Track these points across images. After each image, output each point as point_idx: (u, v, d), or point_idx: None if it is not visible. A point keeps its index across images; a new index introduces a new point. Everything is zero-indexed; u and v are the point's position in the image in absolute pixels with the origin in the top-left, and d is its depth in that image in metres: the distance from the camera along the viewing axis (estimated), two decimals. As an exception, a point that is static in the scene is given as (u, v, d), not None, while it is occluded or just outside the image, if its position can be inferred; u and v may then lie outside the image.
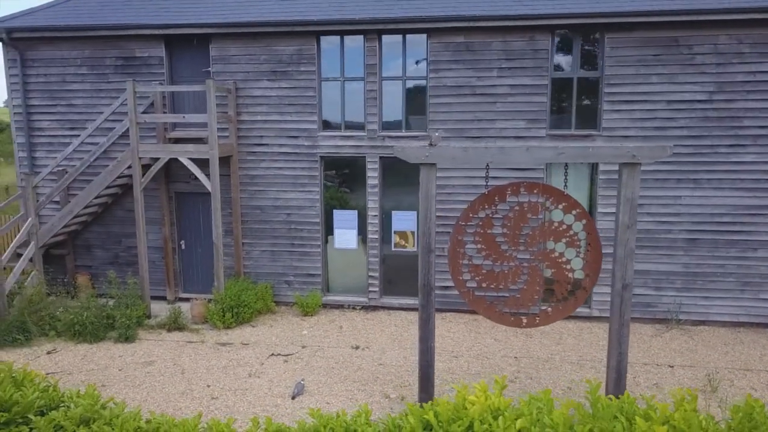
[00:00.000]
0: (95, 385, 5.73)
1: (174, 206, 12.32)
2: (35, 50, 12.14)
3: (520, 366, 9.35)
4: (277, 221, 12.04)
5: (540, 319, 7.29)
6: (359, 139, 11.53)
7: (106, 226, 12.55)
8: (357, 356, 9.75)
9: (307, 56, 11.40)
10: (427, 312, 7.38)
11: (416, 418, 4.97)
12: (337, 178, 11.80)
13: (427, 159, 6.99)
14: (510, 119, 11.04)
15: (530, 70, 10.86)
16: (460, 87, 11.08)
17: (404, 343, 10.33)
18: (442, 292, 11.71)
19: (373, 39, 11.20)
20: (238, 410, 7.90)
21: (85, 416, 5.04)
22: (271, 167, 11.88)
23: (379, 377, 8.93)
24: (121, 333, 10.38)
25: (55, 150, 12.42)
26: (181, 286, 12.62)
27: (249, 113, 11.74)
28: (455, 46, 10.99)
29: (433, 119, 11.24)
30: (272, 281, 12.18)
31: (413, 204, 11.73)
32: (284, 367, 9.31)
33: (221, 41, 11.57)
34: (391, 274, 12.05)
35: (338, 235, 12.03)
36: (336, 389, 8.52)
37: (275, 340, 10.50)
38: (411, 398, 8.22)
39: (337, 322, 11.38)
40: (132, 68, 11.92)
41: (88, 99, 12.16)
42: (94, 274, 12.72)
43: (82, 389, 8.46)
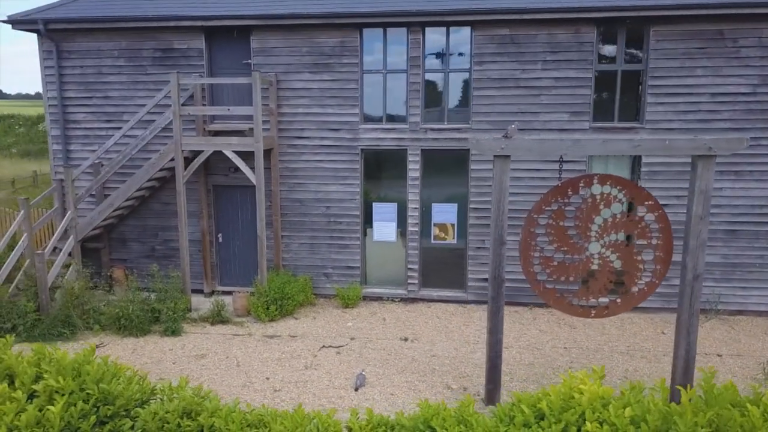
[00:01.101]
0: (187, 378, 5.74)
1: (212, 199, 12.27)
2: (71, 42, 12.02)
3: (572, 356, 9.44)
4: (317, 214, 12.03)
5: (609, 310, 7.37)
6: (401, 131, 11.54)
7: (142, 220, 12.48)
8: (407, 348, 9.80)
9: (350, 48, 11.37)
10: (496, 304, 7.43)
11: (529, 406, 5.03)
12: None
13: (503, 151, 7.02)
14: (554, 112, 11.08)
15: (575, 63, 10.90)
16: (504, 79, 11.10)
17: (451, 334, 10.39)
18: (482, 285, 11.77)
19: (417, 31, 11.19)
20: (304, 402, 7.92)
21: (187, 408, 5.05)
22: (311, 160, 11.86)
23: (435, 368, 8.99)
24: (168, 326, 10.35)
25: (91, 143, 12.33)
26: (217, 279, 12.59)
27: (290, 106, 11.70)
28: (500, 38, 11.00)
29: (476, 111, 11.26)
30: (311, 274, 12.18)
31: (453, 196, 11.77)
32: (338, 359, 9.34)
33: (262, 33, 11.50)
34: (430, 267, 12.09)
35: (377, 227, 12.05)
36: (396, 381, 8.56)
37: (322, 332, 10.52)
38: (473, 389, 8.29)
39: (378, 314, 11.41)
40: (170, 60, 11.84)
41: (124, 91, 12.06)
42: (129, 268, 12.66)
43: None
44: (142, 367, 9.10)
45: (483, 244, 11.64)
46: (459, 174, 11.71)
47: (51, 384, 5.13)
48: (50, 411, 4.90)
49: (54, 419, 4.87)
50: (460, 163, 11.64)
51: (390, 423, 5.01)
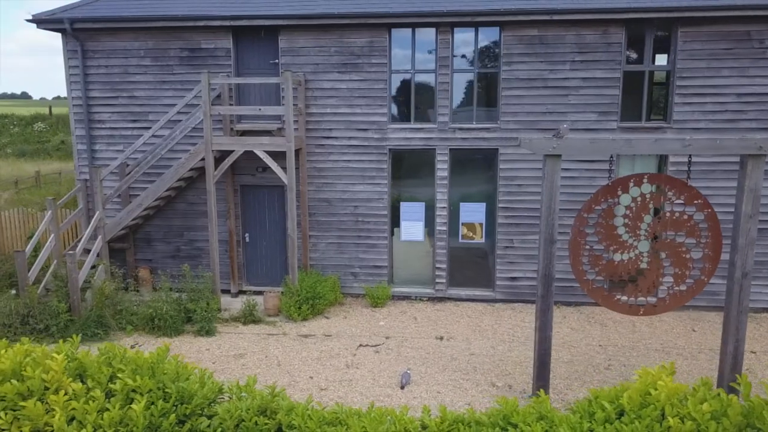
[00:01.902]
0: (255, 377, 5.77)
1: (239, 199, 12.27)
2: (96, 41, 11.96)
3: (609, 354, 9.55)
4: (344, 214, 12.07)
5: (658, 308, 7.48)
6: (429, 131, 11.60)
7: (167, 220, 12.45)
8: (444, 346, 9.86)
9: (379, 48, 11.42)
10: (546, 302, 7.52)
11: (610, 402, 5.10)
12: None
13: (554, 150, 7.10)
14: (582, 111, 11.19)
15: (603, 63, 11.01)
16: (533, 80, 11.20)
17: (485, 333, 10.47)
18: (510, 283, 11.87)
19: (446, 32, 11.25)
20: (352, 401, 7.97)
21: (262, 406, 5.08)
22: (339, 160, 11.89)
23: (476, 367, 9.06)
24: (202, 326, 10.35)
25: (116, 143, 12.28)
26: (244, 279, 12.59)
27: (318, 106, 11.73)
28: (529, 39, 11.09)
29: (504, 111, 11.35)
30: (338, 273, 12.21)
31: (481, 195, 11.85)
32: (377, 358, 9.39)
33: (291, 33, 11.52)
34: (457, 266, 12.17)
35: (405, 227, 12.11)
36: (440, 379, 8.63)
37: (355, 331, 10.56)
38: (517, 386, 8.37)
39: (408, 313, 11.47)
40: (197, 60, 11.82)
41: (150, 91, 12.03)
42: (154, 268, 12.63)
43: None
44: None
45: (511, 243, 11.73)
46: (487, 173, 11.80)
47: (128, 383, 5.14)
48: (133, 410, 4.91)
49: (137, 418, 4.88)
50: (489, 163, 11.73)
51: (466, 420, 5.05)
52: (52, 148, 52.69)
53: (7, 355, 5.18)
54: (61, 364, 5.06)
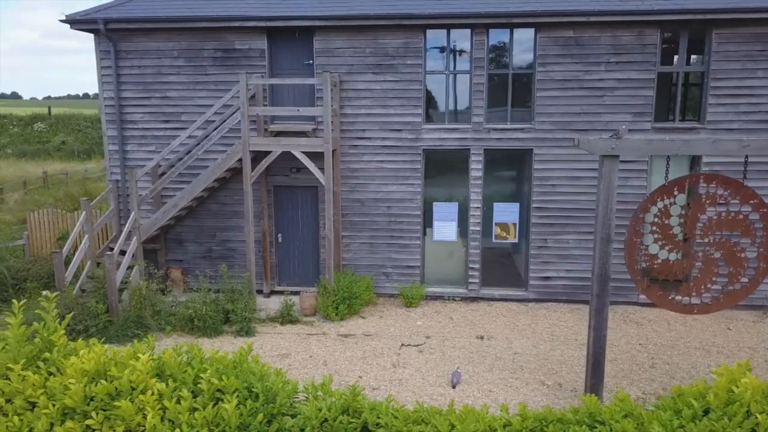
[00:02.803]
0: (330, 376, 5.81)
1: (272, 199, 12.28)
2: (129, 41, 11.95)
3: (650, 352, 9.64)
4: (377, 214, 12.11)
5: (712, 307, 7.56)
6: (464, 131, 11.66)
7: (199, 220, 12.45)
8: (486, 346, 9.93)
9: (414, 49, 11.47)
10: (601, 301, 7.59)
11: (695, 399, 5.16)
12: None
13: (612, 151, 7.17)
14: (616, 113, 11.28)
15: (637, 65, 11.11)
16: (568, 80, 11.28)
17: (523, 332, 10.54)
18: (543, 283, 11.95)
19: (481, 33, 11.32)
20: (406, 400, 8.02)
21: (345, 405, 5.12)
22: (372, 160, 11.93)
23: (522, 366, 9.13)
24: (242, 326, 10.37)
25: (148, 143, 12.27)
26: (276, 279, 12.61)
27: (352, 107, 11.76)
28: (564, 40, 11.17)
29: (539, 112, 11.43)
30: (370, 273, 12.25)
31: (514, 195, 11.93)
32: (422, 357, 9.44)
33: (326, 34, 11.55)
34: (490, 266, 12.24)
35: (438, 227, 12.16)
36: (489, 378, 8.69)
37: (394, 331, 10.61)
38: (567, 385, 8.44)
39: (443, 313, 11.53)
40: (231, 60, 11.83)
41: (184, 91, 12.03)
42: (185, 269, 12.62)
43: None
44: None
45: (545, 243, 11.81)
46: (520, 173, 11.88)
47: (214, 382, 5.16)
48: (224, 409, 4.94)
49: (230, 417, 4.91)
50: (522, 163, 11.81)
51: (548, 417, 5.10)
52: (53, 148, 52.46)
53: (89, 356, 5.20)
54: (146, 365, 5.08)
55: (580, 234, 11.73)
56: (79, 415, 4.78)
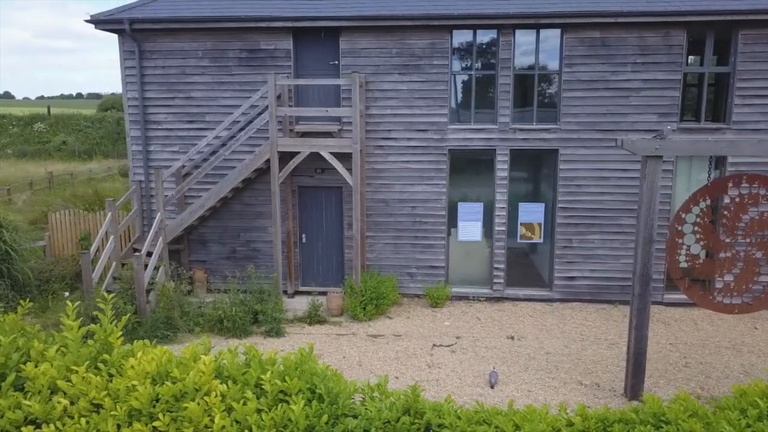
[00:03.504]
0: (386, 376, 5.80)
1: (297, 200, 12.27)
2: (153, 42, 11.92)
3: (681, 351, 9.68)
4: (402, 214, 12.12)
5: (752, 306, 7.61)
6: (490, 131, 11.68)
7: (223, 221, 12.42)
8: (518, 346, 9.95)
9: (440, 50, 11.48)
10: (643, 301, 7.62)
11: (762, 398, 5.18)
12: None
13: (656, 152, 7.20)
14: (642, 113, 11.33)
15: (664, 65, 11.15)
16: (594, 81, 11.32)
17: (552, 332, 10.57)
18: (568, 283, 11.98)
19: (507, 33, 11.34)
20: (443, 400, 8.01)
21: (406, 406, 5.13)
22: (397, 161, 11.94)
23: (556, 366, 9.15)
24: (272, 327, 10.36)
25: (172, 144, 12.24)
26: (300, 280, 12.59)
27: (377, 107, 11.77)
28: (590, 41, 11.21)
29: (565, 112, 11.46)
30: (394, 273, 12.24)
31: (539, 196, 11.96)
32: (456, 358, 9.45)
33: (352, 34, 11.54)
34: (514, 266, 12.27)
35: (462, 227, 12.18)
36: (525, 378, 8.71)
37: (423, 331, 10.62)
38: (604, 384, 8.47)
39: (470, 313, 11.54)
40: (256, 61, 11.81)
41: (208, 91, 12.00)
42: (209, 269, 12.59)
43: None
44: (263, 369, 9.09)
45: (570, 243, 11.84)
46: (546, 174, 11.91)
47: (278, 384, 5.16)
48: (291, 410, 4.93)
49: (297, 419, 4.91)
50: (548, 163, 11.84)
51: (609, 417, 5.11)
52: (53, 148, 52.21)
53: (147, 357, 5.19)
54: (209, 366, 5.07)
55: (605, 234, 11.77)
56: (145, 416, 4.76)
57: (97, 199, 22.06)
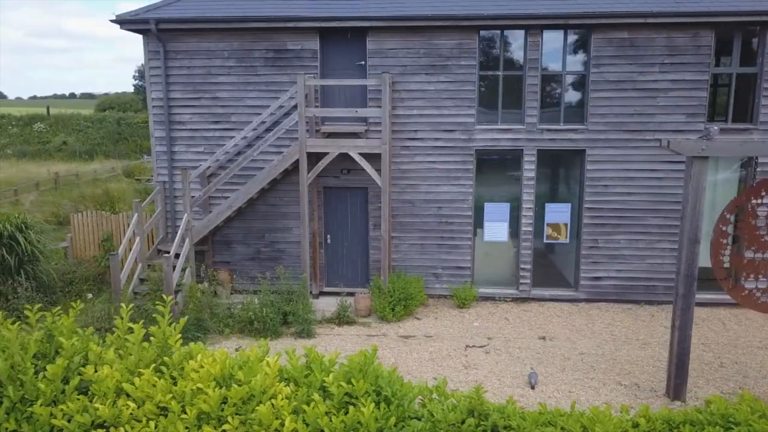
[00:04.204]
0: (445, 378, 5.78)
1: (322, 201, 12.24)
2: (179, 42, 11.86)
3: (714, 352, 9.70)
4: (427, 215, 12.10)
5: (796, 306, 7.62)
6: (517, 132, 11.68)
7: (247, 222, 12.38)
8: (550, 346, 9.95)
9: (468, 50, 11.47)
10: (687, 302, 7.63)
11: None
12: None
13: (703, 152, 7.21)
14: (670, 113, 11.35)
15: (691, 66, 11.18)
16: (622, 81, 11.34)
17: (583, 332, 10.57)
18: (593, 283, 11.99)
19: (535, 34, 11.34)
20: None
21: (470, 407, 5.11)
22: (424, 161, 11.92)
23: (593, 366, 9.15)
24: (303, 328, 10.33)
25: (196, 144, 12.18)
26: (324, 281, 12.56)
27: (404, 107, 11.75)
28: (618, 41, 11.22)
29: (593, 113, 11.47)
30: (420, 274, 12.22)
31: (566, 196, 11.97)
32: (491, 359, 9.44)
33: (380, 34, 11.52)
34: (540, 266, 12.27)
35: (488, 227, 12.17)
36: (564, 378, 8.71)
37: (453, 332, 10.60)
38: (644, 385, 8.47)
39: (497, 313, 11.54)
40: (283, 61, 11.77)
41: (234, 92, 11.95)
42: (233, 270, 12.54)
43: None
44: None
45: (596, 243, 11.86)
46: (573, 174, 11.92)
47: (344, 386, 5.13)
48: (362, 413, 4.90)
49: (368, 421, 4.88)
50: (575, 163, 11.85)
51: (674, 419, 5.10)
52: (54, 148, 51.95)
53: (207, 360, 5.15)
54: (274, 368, 5.03)
55: (631, 234, 11.78)
56: (213, 420, 4.73)
57: (108, 200, 21.96)
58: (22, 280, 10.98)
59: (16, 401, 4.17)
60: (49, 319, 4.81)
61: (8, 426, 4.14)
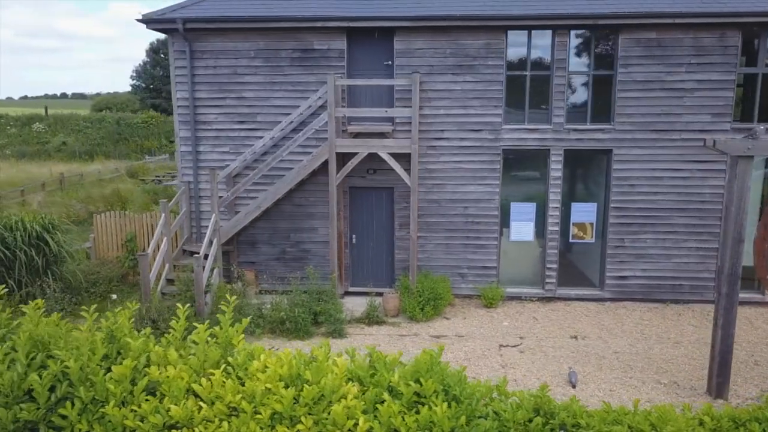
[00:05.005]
0: (506, 377, 5.79)
1: (348, 200, 12.23)
2: (205, 41, 11.82)
3: (747, 350, 9.76)
4: (454, 214, 12.11)
5: (838, 304, 7.67)
6: (544, 131, 11.71)
7: (272, 222, 12.35)
8: (584, 345, 9.98)
9: (495, 50, 11.49)
10: (730, 300, 7.67)
11: None
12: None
13: (748, 152, 7.25)
14: (696, 113, 11.41)
15: (718, 66, 11.24)
16: (649, 82, 11.38)
17: (613, 331, 10.61)
18: (619, 282, 12.04)
19: (563, 34, 11.37)
20: (531, 400, 8.01)
21: (536, 406, 5.12)
22: (450, 161, 11.93)
23: (629, 365, 9.19)
24: (335, 328, 10.32)
25: (221, 144, 12.15)
26: (349, 281, 12.55)
27: (431, 107, 11.75)
28: (646, 41, 11.27)
29: (620, 113, 11.52)
30: (446, 274, 12.23)
31: (592, 196, 12.01)
32: (526, 358, 9.46)
33: (407, 34, 11.52)
34: (565, 265, 12.30)
35: (515, 227, 12.19)
36: (602, 377, 8.74)
37: (484, 331, 10.62)
38: (684, 383, 8.51)
39: (525, 313, 11.56)
40: (309, 61, 11.75)
41: (260, 92, 11.92)
42: (258, 270, 12.51)
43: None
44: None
45: (622, 242, 11.90)
46: (599, 173, 11.96)
47: (413, 386, 5.13)
48: (434, 413, 4.90)
49: (441, 421, 4.88)
50: (601, 163, 11.90)
51: (739, 417, 5.12)
52: (53, 149, 51.66)
53: (271, 361, 5.14)
54: (342, 368, 5.02)
55: (657, 233, 11.84)
56: (286, 419, 4.72)
57: (118, 200, 21.85)
58: (50, 281, 10.92)
59: (87, 402, 4.14)
60: (111, 319, 4.78)
61: (81, 427, 4.10)
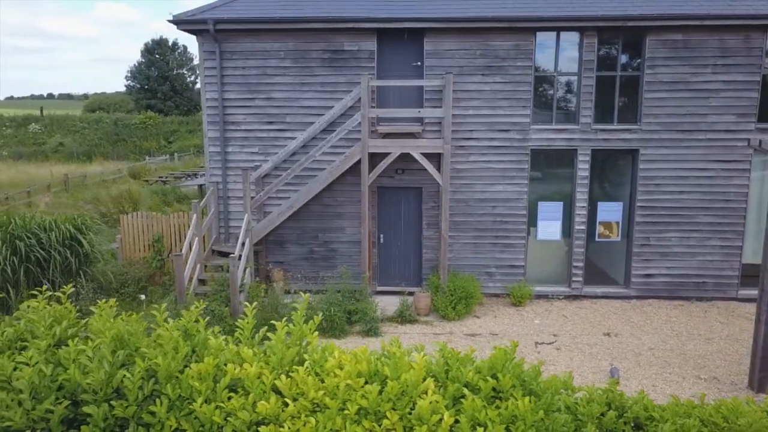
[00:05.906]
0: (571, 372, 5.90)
1: (376, 200, 12.31)
2: (234, 42, 11.86)
3: (778, 346, 9.94)
4: (482, 214, 12.23)
5: None
6: (571, 132, 11.86)
7: (300, 222, 12.40)
8: (618, 342, 10.12)
9: (524, 51, 11.62)
10: (773, 296, 7.84)
11: None
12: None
13: (793, 152, 7.42)
14: (721, 114, 11.60)
15: (743, 67, 11.44)
16: (675, 83, 11.56)
17: (644, 328, 10.77)
18: (645, 280, 12.21)
19: (591, 35, 11.52)
20: (577, 396, 8.14)
21: (608, 400, 5.23)
22: (478, 161, 12.05)
23: (667, 361, 9.34)
24: (370, 327, 10.40)
25: (250, 145, 12.19)
26: (377, 280, 12.63)
27: (460, 107, 11.86)
28: (672, 43, 11.45)
29: (646, 113, 11.69)
30: (474, 273, 12.34)
31: (618, 195, 12.17)
32: (564, 355, 9.59)
33: (437, 35, 11.63)
34: (591, 264, 12.46)
35: (542, 226, 12.33)
36: (642, 373, 8.88)
37: (517, 329, 10.75)
38: (724, 378, 8.68)
39: (554, 311, 11.70)
40: (339, 62, 11.83)
41: (289, 92, 11.98)
42: (286, 270, 12.56)
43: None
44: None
45: (648, 241, 12.07)
46: (625, 173, 12.12)
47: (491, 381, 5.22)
48: (516, 407, 4.99)
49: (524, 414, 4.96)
50: (628, 163, 12.06)
51: None
52: (50, 150, 51.27)
53: (346, 358, 5.21)
54: (421, 364, 5.11)
55: (683, 232, 12.02)
56: (371, 414, 4.81)
57: (130, 201, 21.78)
58: (83, 281, 10.91)
59: (175, 399, 4.21)
60: (186, 317, 4.85)
61: (171, 424, 4.17)
